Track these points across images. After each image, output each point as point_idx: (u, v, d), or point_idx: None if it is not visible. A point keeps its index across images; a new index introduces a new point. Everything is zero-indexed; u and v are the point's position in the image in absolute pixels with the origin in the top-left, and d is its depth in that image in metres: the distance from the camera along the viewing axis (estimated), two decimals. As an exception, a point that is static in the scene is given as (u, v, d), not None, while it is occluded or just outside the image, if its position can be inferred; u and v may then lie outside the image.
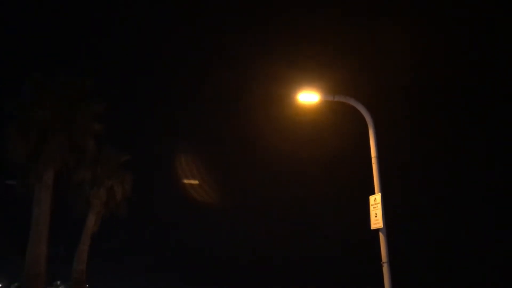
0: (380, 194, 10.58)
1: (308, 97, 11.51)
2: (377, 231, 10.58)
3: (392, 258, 10.36)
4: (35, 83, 20.81)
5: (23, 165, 20.24)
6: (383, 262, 10.27)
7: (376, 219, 10.45)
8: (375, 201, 10.59)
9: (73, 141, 20.52)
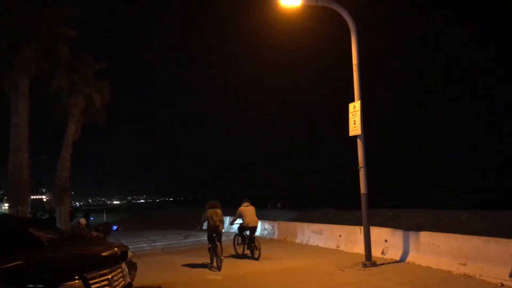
0: (359, 101, 10.62)
1: (291, 0, 11.00)
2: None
3: (367, 164, 10.71)
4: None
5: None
6: (360, 167, 10.61)
7: (355, 126, 10.60)
8: (355, 108, 10.67)
9: (46, 48, 19.75)
